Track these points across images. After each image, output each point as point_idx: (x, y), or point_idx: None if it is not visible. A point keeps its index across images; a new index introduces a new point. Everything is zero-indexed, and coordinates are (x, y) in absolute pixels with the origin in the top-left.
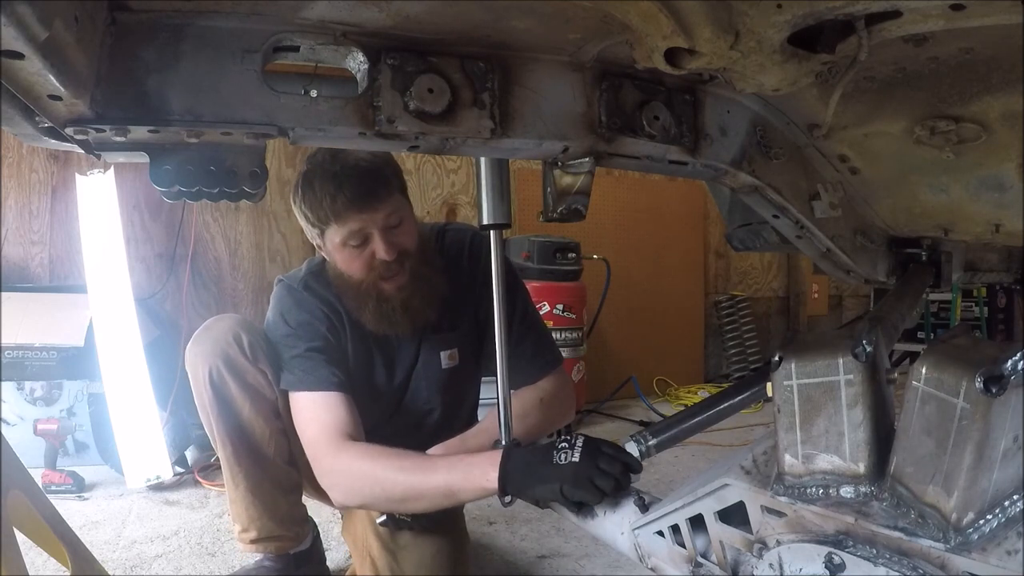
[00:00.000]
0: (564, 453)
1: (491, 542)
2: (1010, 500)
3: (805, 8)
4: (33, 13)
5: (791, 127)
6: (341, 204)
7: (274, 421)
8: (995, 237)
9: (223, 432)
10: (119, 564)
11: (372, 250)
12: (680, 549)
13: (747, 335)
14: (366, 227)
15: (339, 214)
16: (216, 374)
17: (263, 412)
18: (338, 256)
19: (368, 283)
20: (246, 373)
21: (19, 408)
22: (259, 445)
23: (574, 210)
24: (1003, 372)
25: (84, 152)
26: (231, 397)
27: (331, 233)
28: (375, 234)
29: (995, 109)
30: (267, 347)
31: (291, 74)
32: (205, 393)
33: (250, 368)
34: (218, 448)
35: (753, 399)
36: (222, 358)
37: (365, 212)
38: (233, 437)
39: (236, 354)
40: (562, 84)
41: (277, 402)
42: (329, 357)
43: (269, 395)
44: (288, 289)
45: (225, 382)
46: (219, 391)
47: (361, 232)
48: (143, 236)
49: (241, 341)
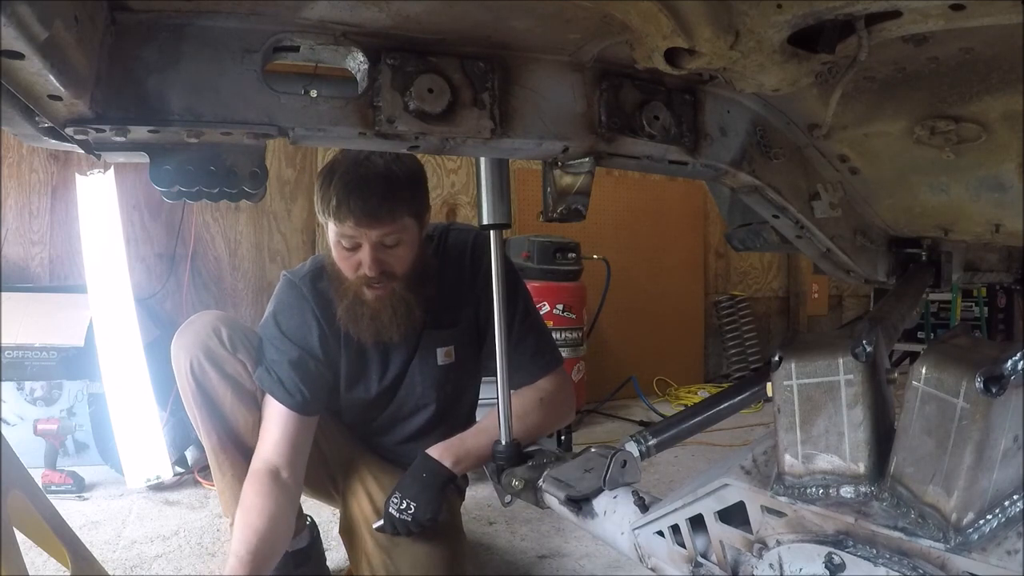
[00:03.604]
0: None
1: (491, 542)
2: (1010, 500)
3: (805, 8)
4: (33, 13)
5: (791, 127)
6: (343, 211)
7: (256, 410)
8: (995, 237)
9: (206, 423)
10: (119, 564)
11: (359, 259)
12: (680, 549)
13: (747, 335)
14: (356, 238)
15: (337, 216)
16: (197, 365)
17: (245, 401)
18: (333, 249)
19: (352, 282)
20: (226, 363)
21: (19, 408)
22: (242, 434)
23: (574, 210)
24: (1003, 372)
25: (84, 152)
26: (212, 387)
27: (330, 225)
28: (365, 246)
29: (995, 109)
30: (247, 339)
31: (291, 74)
32: (188, 385)
33: (230, 358)
34: (203, 439)
35: (753, 399)
36: (202, 349)
37: (361, 227)
38: (216, 427)
39: (216, 345)
40: (562, 84)
41: (257, 392)
42: (304, 374)
43: (249, 385)
44: (291, 285)
45: (206, 373)
46: (200, 382)
47: (353, 239)
48: (143, 236)
49: (220, 333)
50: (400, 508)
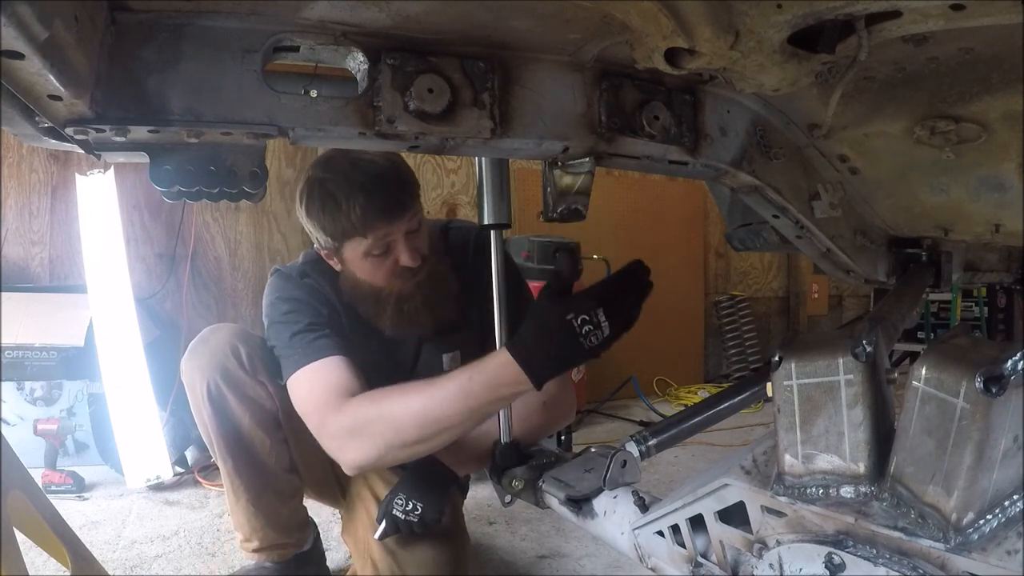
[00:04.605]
0: (594, 335)
1: (491, 542)
2: (1010, 500)
3: (805, 8)
4: (33, 13)
5: (791, 127)
6: (371, 215)
7: (275, 432)
8: (995, 237)
9: (223, 447)
10: (119, 564)
11: (395, 258)
12: (680, 549)
13: (747, 335)
14: (391, 235)
15: (368, 225)
16: (215, 388)
17: (263, 424)
18: (359, 266)
19: (390, 288)
20: (245, 386)
21: (19, 408)
22: (260, 457)
23: (574, 210)
24: (1003, 372)
25: (84, 152)
26: (231, 411)
27: (352, 245)
28: (399, 241)
29: (995, 109)
30: (266, 355)
31: (291, 74)
32: (204, 408)
33: (249, 381)
34: (219, 462)
35: (753, 399)
36: (220, 372)
37: (394, 222)
38: (234, 451)
39: (234, 367)
40: (562, 84)
41: (278, 413)
42: (331, 330)
43: (269, 406)
44: (285, 277)
45: (224, 396)
46: (218, 406)
47: (385, 241)
48: (143, 236)
49: (239, 353)
50: (406, 509)
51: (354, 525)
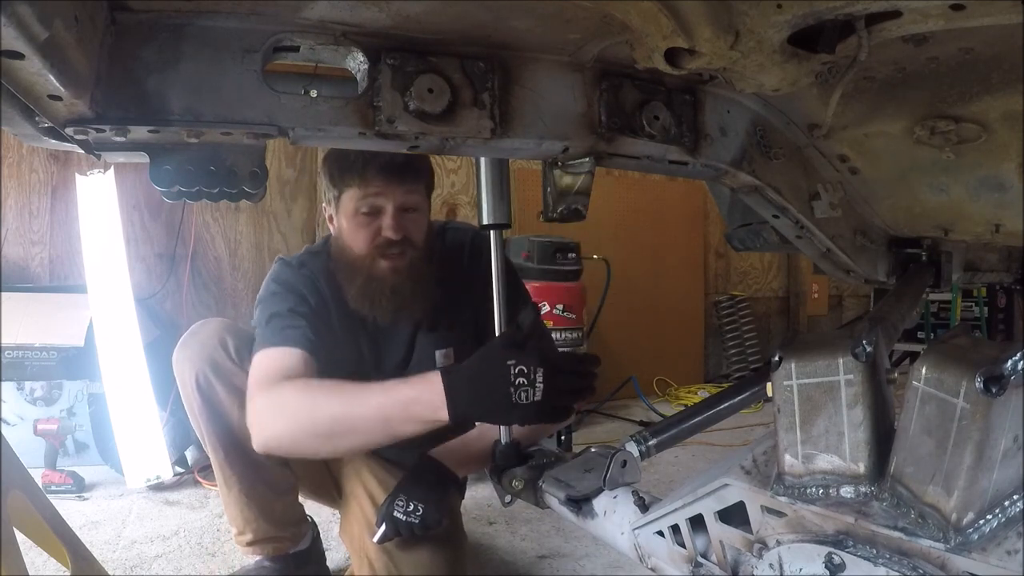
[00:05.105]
0: (524, 392)
1: (491, 542)
2: (1010, 500)
3: (805, 8)
4: (33, 13)
5: (791, 127)
6: (371, 169)
7: None
8: (995, 237)
9: (213, 437)
10: (119, 564)
11: (379, 225)
12: (680, 549)
13: (747, 335)
14: (382, 198)
15: (364, 176)
16: (203, 379)
17: None
18: (347, 223)
19: (366, 258)
20: (233, 376)
21: (19, 408)
22: (250, 448)
23: (574, 210)
24: (1003, 372)
25: (84, 152)
26: (219, 401)
27: (347, 197)
28: (387, 209)
29: (995, 109)
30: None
31: (291, 74)
32: (193, 399)
33: (237, 371)
34: (209, 452)
35: (753, 399)
36: (208, 363)
37: (390, 183)
38: (223, 441)
39: (222, 358)
40: (562, 84)
41: None
42: (310, 323)
43: None
44: (285, 264)
45: (213, 387)
46: (207, 396)
47: (376, 201)
48: (143, 236)
49: (227, 345)
50: (408, 511)
51: (349, 523)
